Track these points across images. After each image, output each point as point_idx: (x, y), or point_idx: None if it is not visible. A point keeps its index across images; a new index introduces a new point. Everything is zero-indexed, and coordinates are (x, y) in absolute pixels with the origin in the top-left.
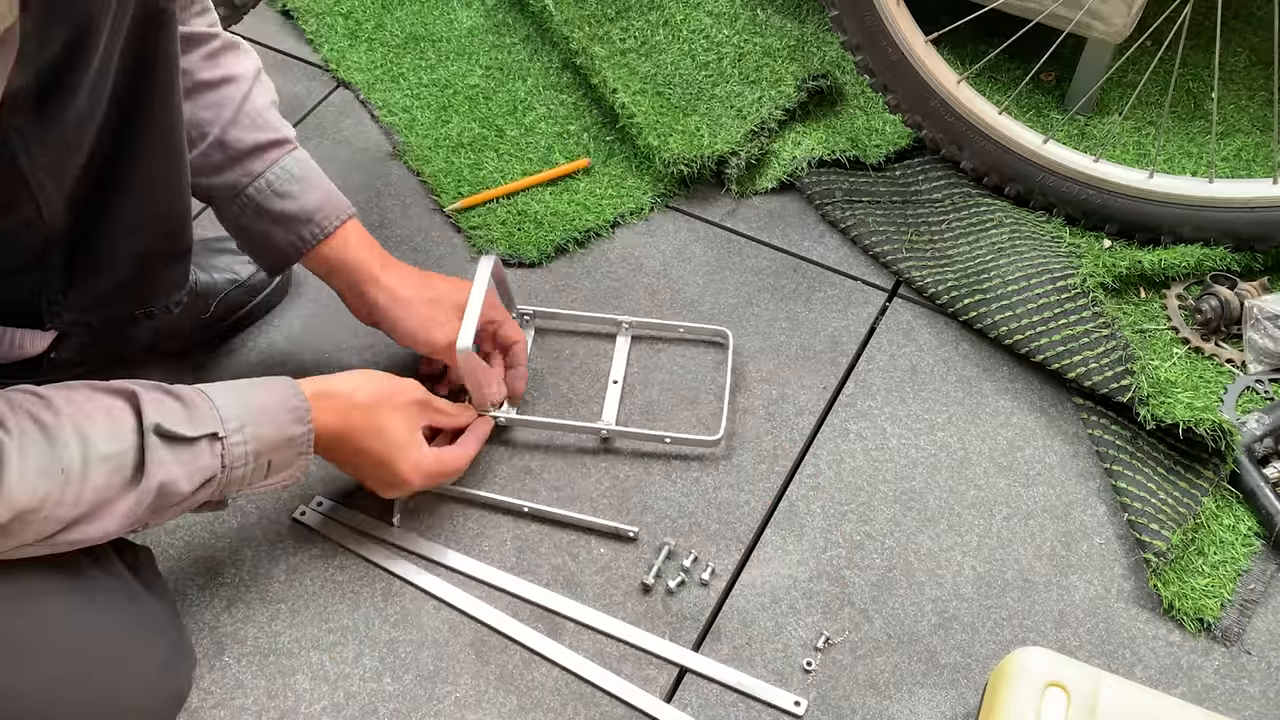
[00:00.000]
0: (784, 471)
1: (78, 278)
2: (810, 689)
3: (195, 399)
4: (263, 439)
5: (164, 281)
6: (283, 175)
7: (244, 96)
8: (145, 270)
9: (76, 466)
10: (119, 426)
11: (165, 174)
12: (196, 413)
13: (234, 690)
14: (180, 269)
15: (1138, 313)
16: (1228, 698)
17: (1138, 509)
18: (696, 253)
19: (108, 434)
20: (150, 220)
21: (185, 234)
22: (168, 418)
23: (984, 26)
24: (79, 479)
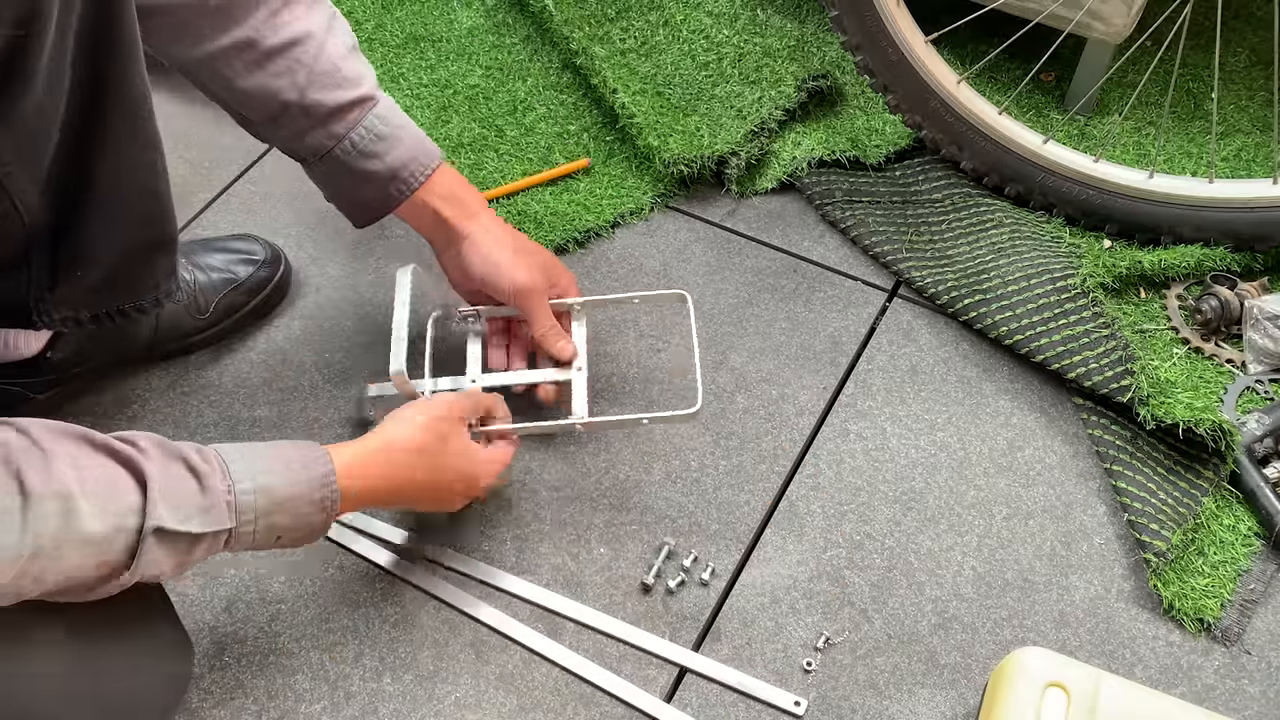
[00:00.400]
0: (784, 471)
1: (62, 274)
2: (810, 689)
3: (213, 481)
4: (276, 526)
5: (150, 273)
6: (367, 135)
7: (315, 55)
8: (130, 262)
9: (50, 545)
10: (114, 504)
11: (138, 161)
12: (211, 502)
13: (234, 690)
14: (166, 260)
15: (1138, 313)
16: (1228, 698)
17: (1138, 509)
18: (696, 253)
19: (98, 512)
20: (128, 210)
21: (167, 223)
22: (178, 507)
23: (984, 26)
24: (50, 555)
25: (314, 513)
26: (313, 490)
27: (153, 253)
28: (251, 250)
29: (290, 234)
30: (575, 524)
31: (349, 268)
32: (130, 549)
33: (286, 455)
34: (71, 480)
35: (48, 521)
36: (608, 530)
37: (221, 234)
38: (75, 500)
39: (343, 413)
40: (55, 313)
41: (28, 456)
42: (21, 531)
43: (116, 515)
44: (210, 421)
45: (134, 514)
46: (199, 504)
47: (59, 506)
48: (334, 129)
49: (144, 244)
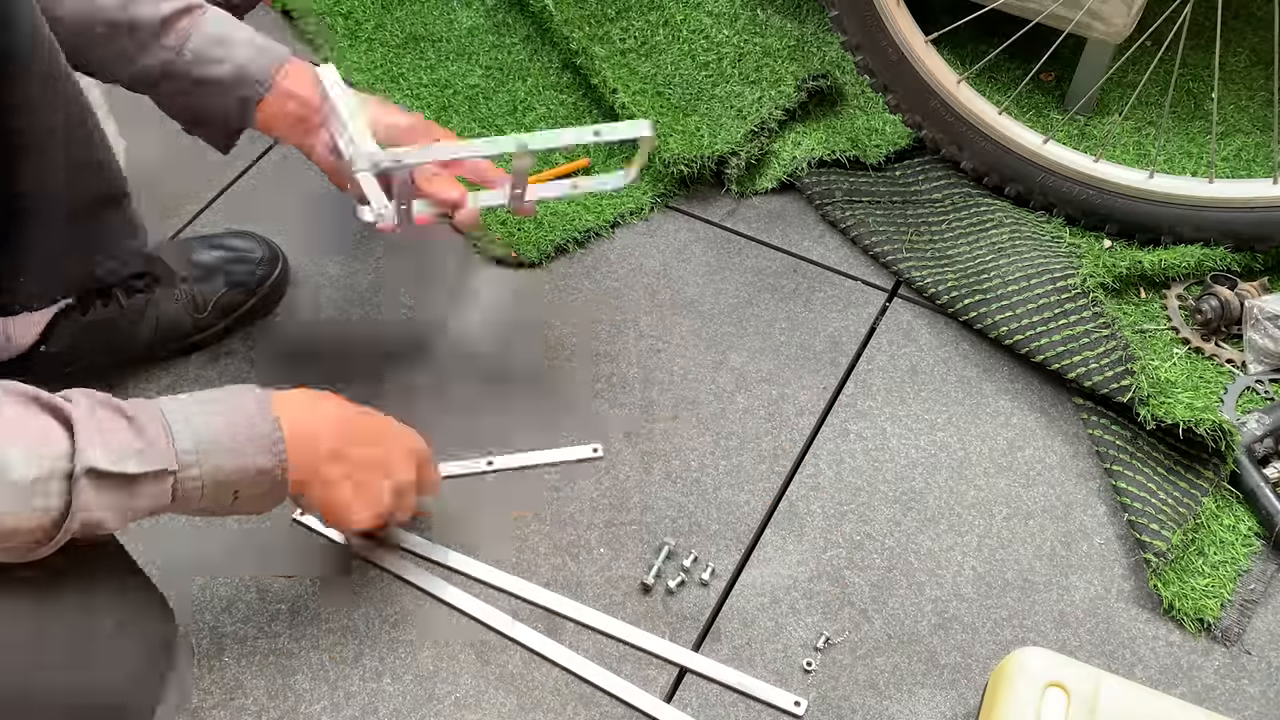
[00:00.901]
0: (784, 471)
1: (19, 250)
2: (810, 689)
3: (150, 425)
4: (224, 471)
5: (105, 232)
6: (204, 42)
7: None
8: (84, 226)
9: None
10: (44, 450)
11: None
12: (148, 442)
13: (234, 690)
14: (118, 216)
15: (1138, 313)
16: (1228, 698)
17: (1138, 509)
18: (696, 253)
19: (25, 458)
20: (64, 166)
21: (111, 177)
22: (112, 448)
23: (984, 26)
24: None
25: (258, 452)
26: (252, 425)
27: (102, 208)
28: (250, 249)
29: (289, 233)
30: (575, 524)
31: (348, 267)
32: (64, 494)
33: (223, 398)
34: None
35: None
36: (607, 530)
37: (215, 231)
38: (1, 449)
39: None
40: (22, 291)
41: None
42: None
43: (48, 460)
44: None
45: (64, 458)
46: (133, 446)
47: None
48: (167, 41)
49: (90, 202)
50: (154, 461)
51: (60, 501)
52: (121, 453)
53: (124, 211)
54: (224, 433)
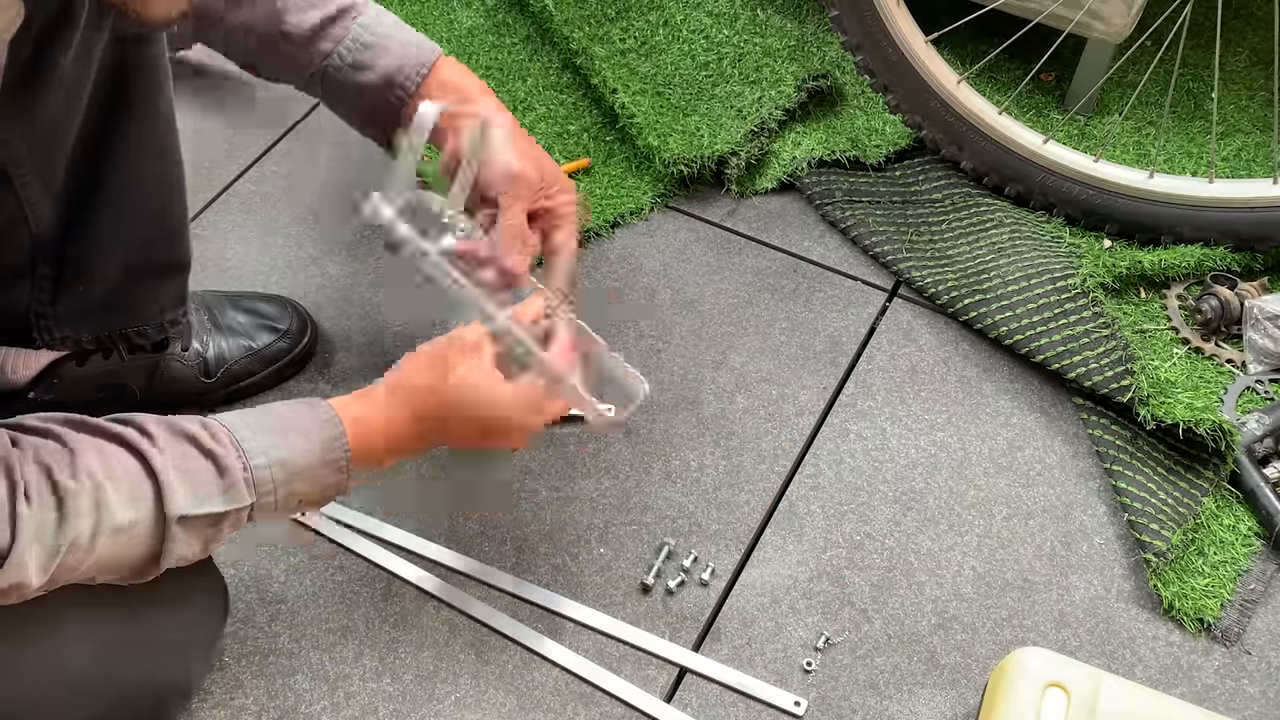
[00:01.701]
0: (784, 471)
1: (65, 288)
2: (810, 689)
3: (228, 460)
4: (296, 493)
5: (155, 298)
6: (353, 47)
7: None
8: (136, 283)
9: (85, 536)
10: (138, 493)
11: (154, 176)
12: (230, 481)
13: (234, 690)
14: (173, 286)
15: (1138, 313)
16: (1228, 698)
17: (1138, 509)
18: (696, 253)
19: (126, 502)
20: (139, 225)
21: (179, 247)
22: (196, 490)
23: (984, 26)
24: (84, 548)
25: (329, 474)
26: (326, 453)
27: (160, 276)
28: (277, 316)
29: (290, 233)
30: (575, 524)
31: (348, 267)
32: (158, 534)
33: (297, 423)
34: (98, 470)
35: (82, 517)
36: (607, 530)
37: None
38: (105, 491)
39: None
40: (56, 330)
41: (54, 457)
42: (58, 528)
43: (142, 504)
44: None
45: (154, 502)
46: (218, 485)
47: (90, 500)
48: (320, 47)
49: (152, 265)
50: (237, 500)
51: (155, 541)
52: (206, 495)
53: (179, 280)
54: (300, 465)
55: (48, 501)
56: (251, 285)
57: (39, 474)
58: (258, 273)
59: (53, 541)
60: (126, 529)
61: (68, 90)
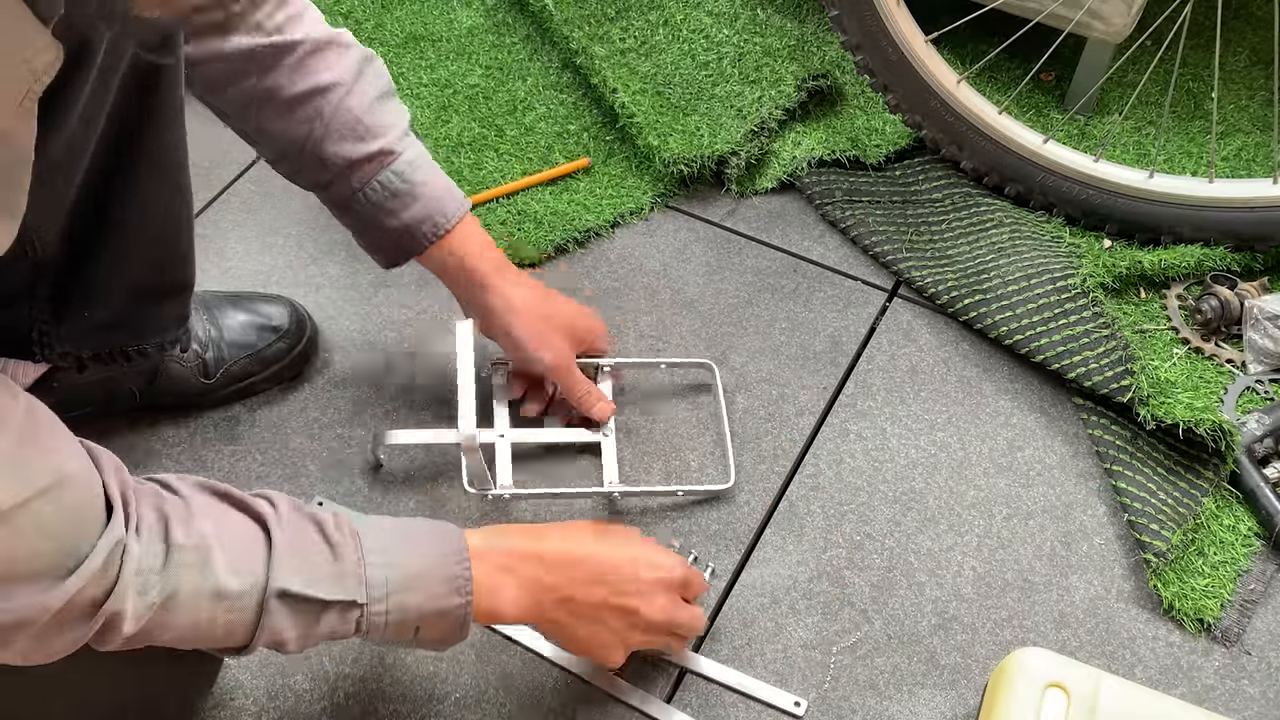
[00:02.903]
0: (784, 471)
1: (69, 308)
2: (810, 689)
3: (345, 550)
4: (409, 609)
5: (158, 319)
6: (382, 192)
7: (335, 106)
8: (140, 305)
9: (185, 595)
10: (246, 564)
11: (163, 208)
12: (341, 570)
13: (234, 690)
14: (176, 307)
15: (1138, 313)
16: (1228, 698)
17: (1138, 509)
18: (696, 253)
19: (231, 571)
20: (145, 254)
21: (183, 271)
22: (305, 571)
23: (984, 26)
24: (184, 607)
25: (447, 594)
26: (445, 564)
27: (165, 298)
28: (276, 317)
29: (290, 233)
30: None
31: (349, 267)
32: (257, 608)
33: (420, 535)
34: (210, 533)
35: (186, 571)
36: None
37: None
38: (213, 554)
39: (340, 413)
40: (56, 347)
41: (173, 507)
42: (162, 578)
43: (250, 573)
44: (215, 422)
45: (262, 573)
46: (329, 570)
47: (197, 558)
48: (351, 181)
49: (157, 288)
50: (346, 591)
51: (253, 616)
52: (315, 576)
53: (182, 301)
54: (416, 571)
55: (156, 547)
56: (251, 285)
57: (154, 517)
58: (258, 273)
59: (154, 588)
60: (230, 597)
61: (82, 124)
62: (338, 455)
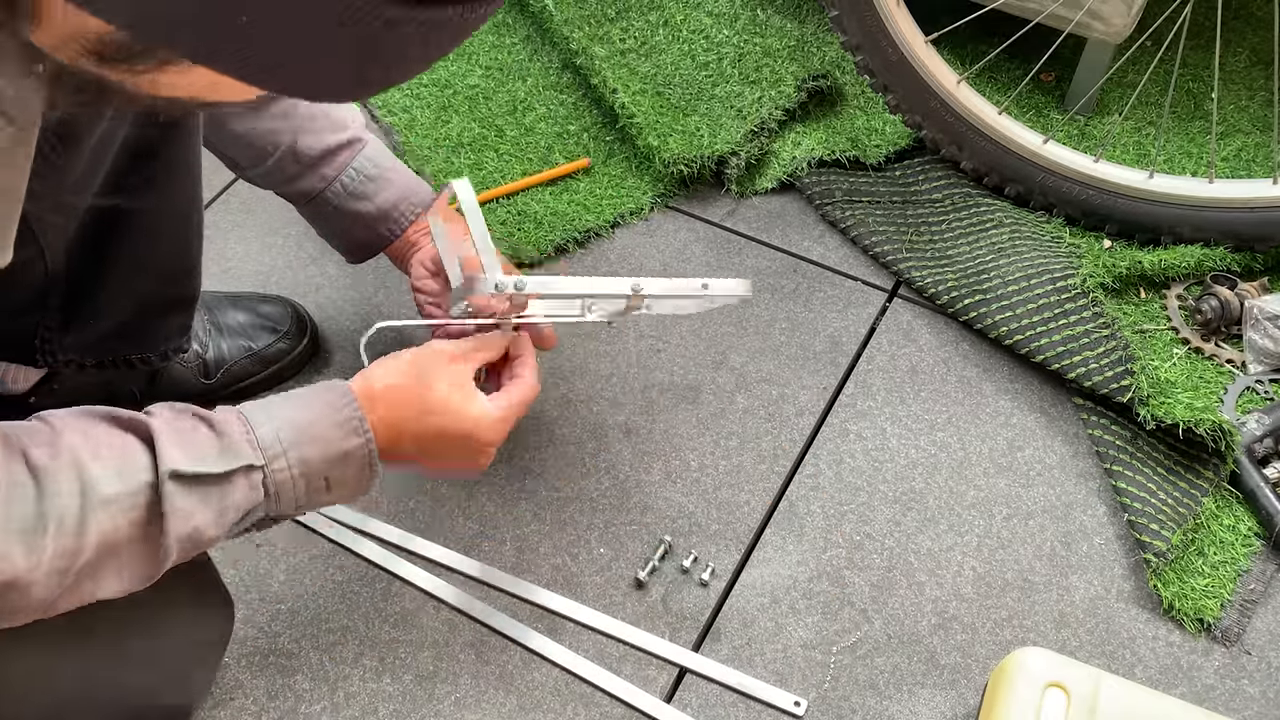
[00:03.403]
0: (784, 471)
1: (75, 318)
2: (810, 689)
3: (229, 424)
4: (311, 461)
5: (163, 329)
6: (357, 177)
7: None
8: (145, 316)
9: (72, 514)
10: (128, 464)
11: (174, 219)
12: (229, 441)
13: (234, 690)
14: (181, 318)
15: (1138, 313)
16: (1228, 698)
17: (1138, 509)
18: (696, 253)
19: (113, 474)
20: (156, 267)
21: (190, 282)
22: (192, 451)
23: (984, 26)
24: (74, 529)
25: (344, 436)
26: (334, 411)
27: (170, 309)
28: (276, 317)
29: (290, 233)
30: (575, 524)
31: (349, 267)
32: (154, 503)
33: (302, 392)
34: (81, 448)
35: (62, 496)
36: (607, 530)
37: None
38: (86, 466)
39: None
40: (60, 354)
41: (34, 435)
42: (39, 505)
43: (133, 472)
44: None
45: (147, 470)
46: (215, 445)
47: (72, 476)
48: (324, 171)
49: (164, 301)
50: (238, 458)
51: (152, 512)
52: (203, 453)
53: (187, 312)
54: (306, 421)
55: (20, 479)
56: (251, 285)
57: (5, 450)
58: (258, 273)
59: (32, 520)
60: (117, 499)
61: (98, 146)
62: None
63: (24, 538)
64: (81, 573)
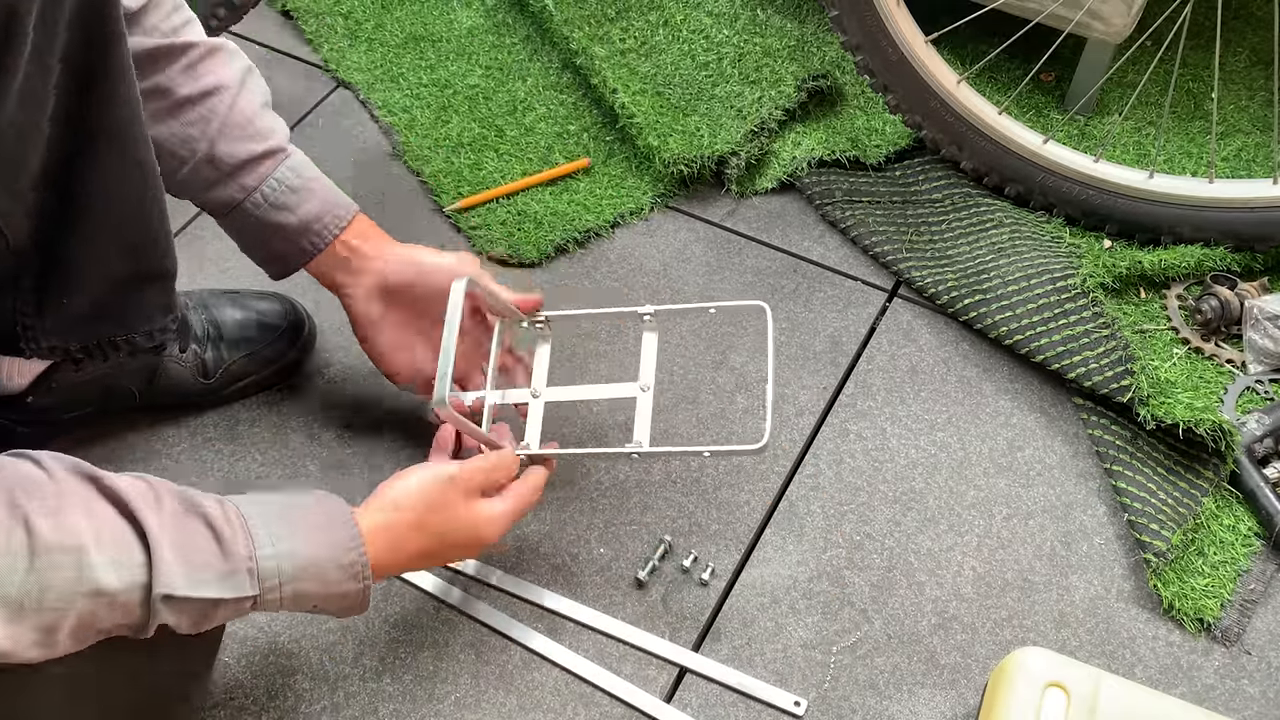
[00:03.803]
0: (784, 471)
1: (48, 301)
2: (810, 689)
3: (234, 544)
4: (305, 595)
5: (140, 306)
6: (278, 188)
7: (229, 107)
8: (119, 293)
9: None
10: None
11: (127, 185)
12: (231, 565)
13: (234, 690)
14: (159, 293)
15: (1138, 313)
16: (1228, 698)
17: (1138, 509)
18: (696, 253)
19: (109, 564)
20: (115, 235)
21: (160, 255)
22: (191, 568)
23: (984, 26)
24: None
25: (344, 580)
26: (341, 553)
27: (145, 285)
28: (274, 315)
29: None
30: (575, 524)
31: None
32: (144, 605)
33: (311, 517)
34: (84, 530)
35: (58, 571)
36: (607, 530)
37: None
38: (88, 554)
39: (340, 413)
40: (43, 340)
41: (39, 496)
42: (25, 578)
43: (127, 571)
44: (215, 422)
45: (142, 572)
46: (217, 568)
47: (72, 560)
48: (244, 181)
49: (134, 275)
50: (236, 588)
51: (141, 613)
52: (202, 574)
53: (165, 289)
54: (309, 559)
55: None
56: (250, 285)
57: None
58: (257, 272)
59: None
60: (111, 594)
61: (25, 109)
62: (337, 455)
63: (6, 608)
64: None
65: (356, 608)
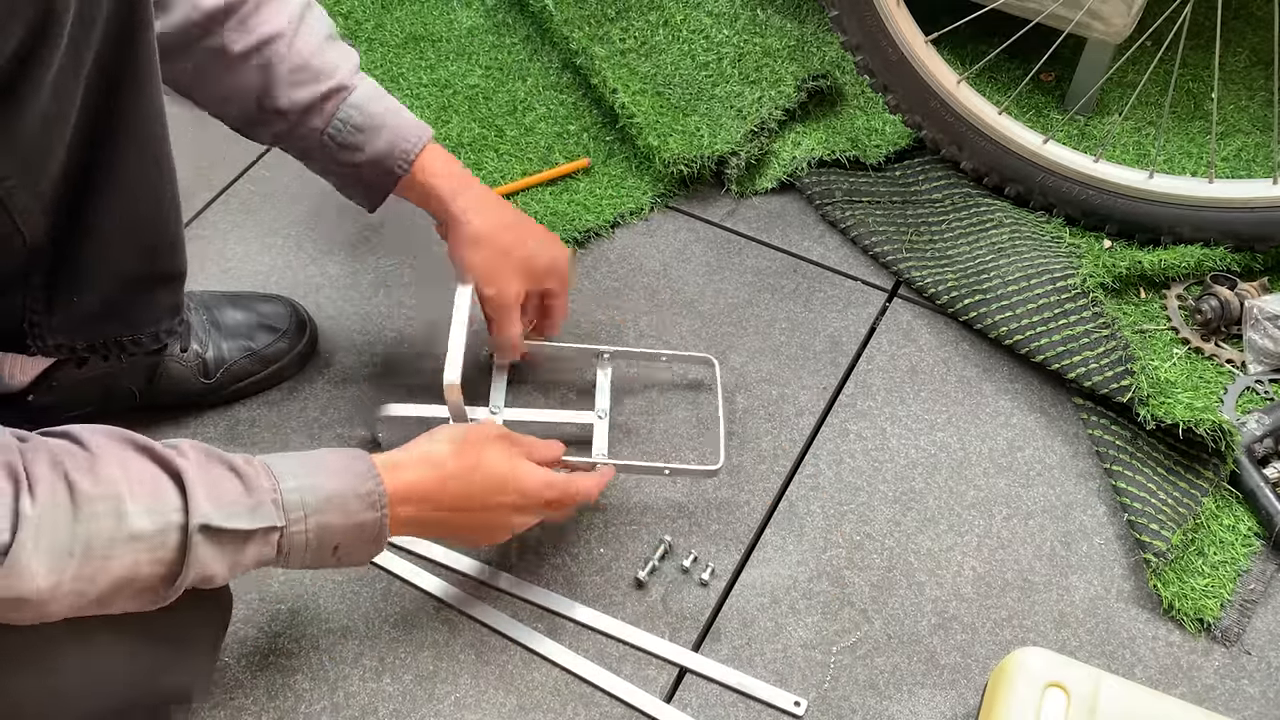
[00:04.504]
0: (784, 471)
1: (58, 298)
2: (810, 689)
3: (257, 479)
4: (328, 528)
5: (150, 308)
6: (344, 128)
7: (284, 55)
8: (130, 293)
9: (101, 544)
10: (159, 503)
11: (147, 189)
12: (257, 498)
13: (234, 690)
14: (168, 296)
15: (1138, 313)
16: (1228, 698)
17: (1138, 509)
18: (696, 253)
19: (144, 510)
20: (131, 234)
21: (172, 257)
22: (223, 505)
23: (984, 26)
24: (101, 555)
25: (363, 509)
26: (358, 483)
27: (155, 286)
28: (276, 316)
29: (290, 233)
30: (575, 524)
31: (349, 266)
32: (180, 546)
33: (329, 458)
34: (120, 480)
35: (99, 520)
36: (607, 530)
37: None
38: (124, 501)
39: (342, 413)
40: (50, 338)
41: (74, 459)
42: (72, 529)
43: (163, 513)
44: (215, 422)
45: (178, 512)
46: (244, 502)
47: (109, 507)
48: (312, 124)
49: (147, 275)
50: (264, 518)
51: (176, 554)
52: (232, 509)
53: (175, 290)
54: (331, 490)
55: (61, 500)
56: (251, 285)
57: (51, 472)
58: (258, 273)
59: (65, 542)
60: (147, 538)
61: (55, 102)
62: None
63: (51, 559)
64: (95, 598)
65: (374, 542)
